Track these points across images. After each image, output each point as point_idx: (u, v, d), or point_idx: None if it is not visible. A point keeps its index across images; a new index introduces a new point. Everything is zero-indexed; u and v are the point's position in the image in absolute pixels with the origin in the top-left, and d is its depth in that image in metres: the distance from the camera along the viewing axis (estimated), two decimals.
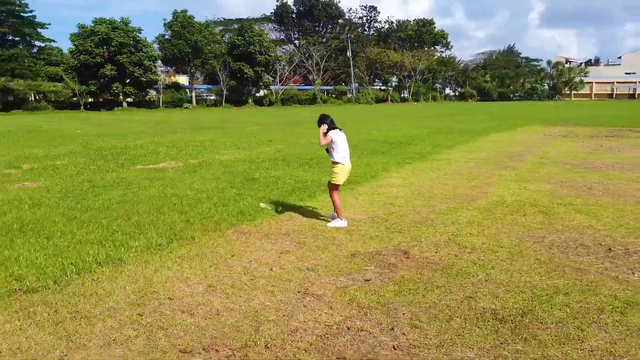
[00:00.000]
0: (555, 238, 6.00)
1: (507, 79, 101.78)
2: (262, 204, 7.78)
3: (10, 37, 69.54)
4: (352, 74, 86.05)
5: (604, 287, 4.52)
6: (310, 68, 77.75)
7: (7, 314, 4.05)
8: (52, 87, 52.26)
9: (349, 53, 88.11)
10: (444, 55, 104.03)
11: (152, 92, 62.02)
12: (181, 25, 58.64)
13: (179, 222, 6.80)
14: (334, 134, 6.59)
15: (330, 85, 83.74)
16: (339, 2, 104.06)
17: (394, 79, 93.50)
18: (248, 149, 15.32)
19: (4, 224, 6.66)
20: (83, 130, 24.50)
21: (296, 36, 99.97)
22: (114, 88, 53.78)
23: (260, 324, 3.87)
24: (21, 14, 67.85)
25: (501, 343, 3.55)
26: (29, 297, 4.38)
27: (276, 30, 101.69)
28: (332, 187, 6.72)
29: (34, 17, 69.61)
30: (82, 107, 52.92)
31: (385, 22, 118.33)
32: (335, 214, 6.77)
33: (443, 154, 14.00)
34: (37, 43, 71.08)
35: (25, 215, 7.16)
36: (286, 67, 75.92)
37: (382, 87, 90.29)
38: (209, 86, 71.19)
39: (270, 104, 69.17)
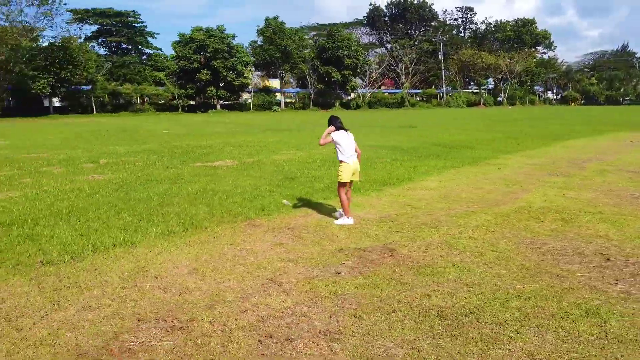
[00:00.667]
0: (556, 245, 5.80)
1: (617, 81, 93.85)
2: (284, 201, 8.21)
3: (124, 46, 76.65)
4: (443, 76, 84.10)
5: (573, 295, 4.39)
6: (399, 71, 77.23)
7: (22, 280, 4.83)
8: (154, 90, 56.84)
9: (440, 56, 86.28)
10: (545, 56, 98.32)
11: (245, 95, 65.19)
12: (272, 31, 61.06)
13: (202, 213, 7.43)
14: (337, 135, 6.87)
15: (419, 89, 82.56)
16: (433, 4, 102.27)
17: (489, 81, 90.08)
18: (307, 150, 15.85)
19: (57, 208, 7.70)
20: (170, 131, 26.57)
21: (388, 39, 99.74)
22: (209, 91, 57.30)
23: (216, 303, 4.28)
24: (134, 24, 74.51)
25: (426, 337, 3.66)
26: (46, 268, 5.15)
27: (368, 34, 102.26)
28: (339, 185, 6.98)
29: (145, 27, 76.15)
30: (179, 109, 56.98)
31: (481, 23, 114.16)
32: (343, 212, 7.02)
33: (500, 159, 13.56)
34: (146, 51, 77.73)
35: (78, 202, 8.20)
36: (376, 70, 76.17)
37: (475, 90, 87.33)
38: (298, 89, 73.36)
39: (357, 107, 69.69)
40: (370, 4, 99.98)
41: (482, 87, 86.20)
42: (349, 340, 3.62)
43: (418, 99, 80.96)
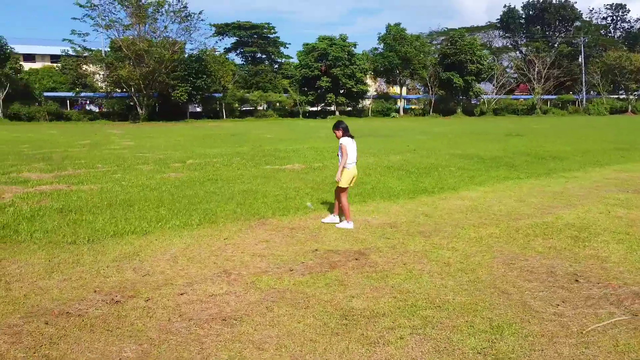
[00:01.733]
0: (535, 263, 5.51)
1: None
2: (308, 203, 8.65)
3: (259, 55, 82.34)
4: (584, 81, 76.78)
5: (496, 310, 4.27)
6: (531, 76, 72.31)
7: (41, 254, 5.91)
8: (278, 97, 60.29)
9: (580, 58, 78.94)
10: None
11: (366, 102, 66.19)
12: (393, 37, 61.22)
13: (227, 210, 8.19)
14: (345, 141, 7.15)
15: (553, 94, 76.43)
16: (575, 2, 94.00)
17: None
18: (380, 156, 16.01)
19: (116, 200, 9.01)
20: (274, 135, 28.27)
21: (522, 42, 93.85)
22: (328, 98, 59.27)
23: (165, 285, 4.92)
24: (268, 35, 79.67)
25: (317, 333, 3.91)
26: (67, 246, 6.24)
27: (501, 37, 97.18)
28: (340, 190, 7.26)
29: (278, 37, 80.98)
30: (300, 115, 59.73)
31: (635, 21, 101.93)
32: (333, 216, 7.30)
33: (580, 172, 12.51)
34: (278, 60, 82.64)
35: (136, 195, 9.48)
36: (506, 75, 72.29)
37: (622, 96, 78.39)
38: (418, 96, 72.31)
39: (482, 113, 66.77)
40: (505, 6, 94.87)
41: (630, 93, 76.97)
42: (242, 327, 4.02)
43: (551, 105, 74.97)
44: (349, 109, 62.52)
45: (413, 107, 72.65)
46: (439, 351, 3.60)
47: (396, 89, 70.40)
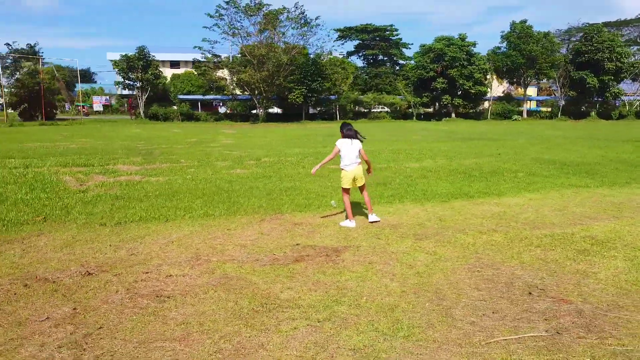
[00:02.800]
0: (503, 273, 5.20)
1: None
2: (332, 202, 8.85)
3: (380, 57, 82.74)
4: None
5: (413, 314, 4.21)
6: None
7: (70, 230, 6.93)
8: (391, 99, 60.01)
9: None
10: None
11: (485, 104, 63.13)
12: (517, 35, 57.55)
13: (254, 205, 8.72)
14: (340, 143, 7.35)
15: None
16: None
17: None
18: (454, 160, 15.46)
19: (166, 190, 10.02)
20: (372, 136, 28.42)
21: None
22: (444, 100, 57.58)
23: (138, 264, 5.54)
24: (390, 37, 79.71)
25: (219, 316, 4.23)
26: (96, 227, 7.21)
27: None
28: (342, 191, 7.39)
29: (400, 39, 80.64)
30: (414, 117, 58.84)
31: None
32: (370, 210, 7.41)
33: None
34: (401, 62, 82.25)
35: (186, 187, 10.43)
36: None
37: None
38: (545, 97, 66.95)
39: (621, 117, 59.99)
40: None
41: None
42: (167, 303, 4.47)
43: None
44: (467, 110, 60.09)
45: (543, 109, 67.51)
46: (317, 344, 3.70)
47: (522, 90, 66.08)
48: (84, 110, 66.07)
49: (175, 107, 57.73)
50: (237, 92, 56.46)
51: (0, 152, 17.40)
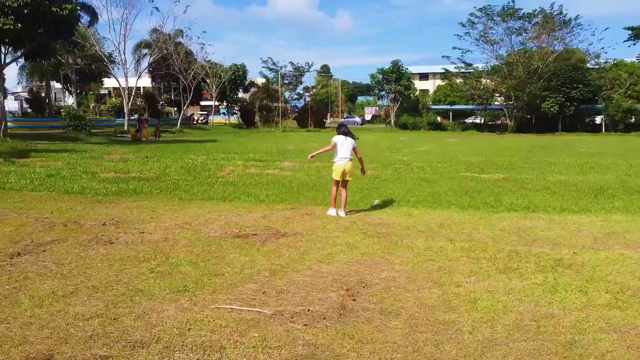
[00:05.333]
0: (400, 284, 4.74)
1: None
2: (375, 201, 8.79)
3: None
4: None
5: (205, 290, 4.46)
6: None
7: (128, 203, 8.60)
8: None
9: None
10: None
11: None
12: None
13: (293, 197, 9.34)
14: (335, 138, 7.86)
15: None
16: None
17: None
18: (562, 175, 12.45)
19: (250, 181, 11.21)
20: (586, 149, 24.41)
21: None
22: None
23: (140, 224, 6.88)
24: None
25: (129, 272, 5.26)
26: (150, 198, 9.01)
27: None
28: (333, 182, 7.94)
29: None
30: None
31: None
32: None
33: None
34: None
35: (272, 179, 11.62)
36: None
37: None
38: None
39: None
40: None
41: None
42: (112, 250, 5.61)
43: None
44: None
45: None
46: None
47: None
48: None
49: (422, 117, 59.11)
50: (488, 101, 54.46)
51: (236, 150, 21.27)
